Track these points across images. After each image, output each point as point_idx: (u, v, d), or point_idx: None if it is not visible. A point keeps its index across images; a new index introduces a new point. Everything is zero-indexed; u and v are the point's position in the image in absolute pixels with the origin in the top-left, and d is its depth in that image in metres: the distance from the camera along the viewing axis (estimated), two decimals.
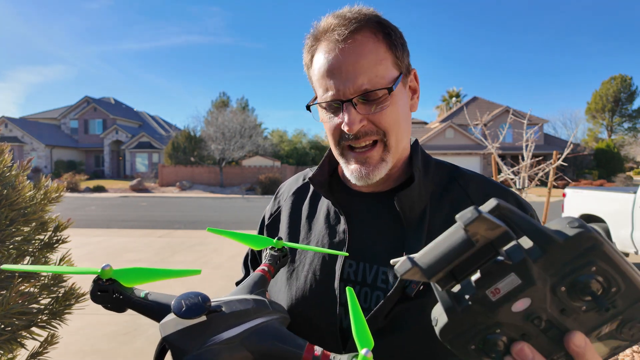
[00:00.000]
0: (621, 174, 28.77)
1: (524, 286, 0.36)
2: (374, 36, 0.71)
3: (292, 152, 35.73)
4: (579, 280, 0.36)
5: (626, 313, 0.37)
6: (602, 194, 6.36)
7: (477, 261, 0.36)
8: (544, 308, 0.37)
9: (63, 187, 1.48)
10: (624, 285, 0.36)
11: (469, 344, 0.39)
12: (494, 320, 0.38)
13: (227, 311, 0.50)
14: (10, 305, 1.13)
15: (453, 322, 0.38)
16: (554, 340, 0.38)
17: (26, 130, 35.28)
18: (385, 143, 0.74)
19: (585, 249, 0.35)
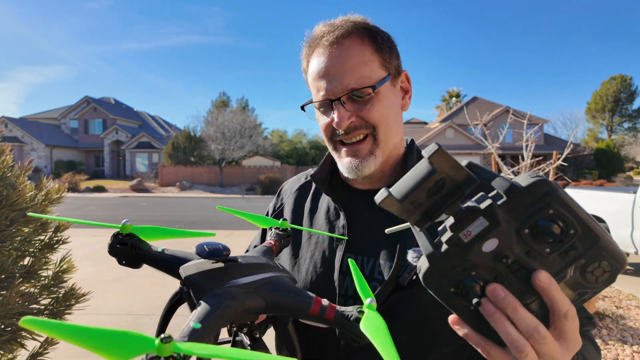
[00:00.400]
0: (621, 174, 28.76)
1: (491, 227, 0.41)
2: (361, 40, 0.77)
3: (292, 152, 35.72)
4: (539, 224, 0.40)
5: (586, 256, 0.41)
6: (602, 194, 6.36)
7: (447, 201, 0.41)
8: (510, 248, 0.41)
9: (64, 188, 1.48)
10: (580, 228, 0.40)
11: (449, 287, 0.43)
12: (468, 263, 0.42)
13: (243, 262, 0.55)
14: (10, 305, 1.13)
15: (433, 266, 0.43)
16: (524, 282, 0.42)
17: (26, 130, 35.28)
18: (374, 137, 0.79)
19: (542, 194, 0.40)
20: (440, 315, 0.71)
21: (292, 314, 0.53)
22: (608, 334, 3.82)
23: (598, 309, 4.20)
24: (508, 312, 0.42)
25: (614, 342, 3.67)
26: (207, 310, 0.45)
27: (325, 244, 0.85)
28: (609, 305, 4.55)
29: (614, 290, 5.21)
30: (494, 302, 0.42)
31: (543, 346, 0.42)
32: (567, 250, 0.41)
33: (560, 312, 0.42)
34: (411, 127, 33.40)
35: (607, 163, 30.88)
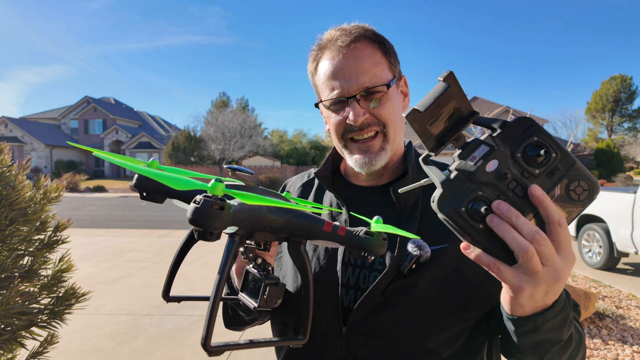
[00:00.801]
0: (621, 174, 28.75)
1: (491, 150, 0.50)
2: (371, 44, 0.83)
3: (292, 152, 35.71)
4: (528, 150, 0.49)
5: (568, 175, 0.50)
6: (602, 194, 6.35)
7: (455, 129, 0.51)
8: (508, 167, 0.49)
9: (62, 186, 1.47)
10: (559, 152, 0.50)
11: (461, 207, 0.49)
12: (475, 182, 0.49)
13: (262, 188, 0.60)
14: (10, 305, 1.13)
15: (446, 190, 0.49)
16: (522, 198, 0.50)
17: (26, 130, 35.29)
18: (385, 134, 0.84)
19: (527, 126, 0.50)
20: (438, 301, 0.77)
21: (307, 232, 0.56)
22: (608, 334, 3.82)
23: (598, 309, 4.20)
24: (512, 220, 0.48)
25: (614, 342, 3.67)
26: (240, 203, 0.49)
27: None
28: (609, 305, 4.55)
29: (614, 290, 5.21)
30: (499, 214, 0.48)
31: (545, 248, 0.48)
32: (552, 170, 0.50)
33: (554, 220, 0.49)
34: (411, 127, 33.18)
35: (607, 163, 30.88)
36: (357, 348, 0.79)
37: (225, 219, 0.42)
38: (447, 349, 0.78)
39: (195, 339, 3.70)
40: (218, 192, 0.41)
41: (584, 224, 6.52)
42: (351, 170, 0.93)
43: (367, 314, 0.78)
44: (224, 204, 0.41)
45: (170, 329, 3.91)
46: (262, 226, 0.52)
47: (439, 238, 0.79)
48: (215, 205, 0.41)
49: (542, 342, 0.58)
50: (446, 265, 0.78)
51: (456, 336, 0.78)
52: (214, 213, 0.41)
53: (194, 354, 3.42)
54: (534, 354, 0.61)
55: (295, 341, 0.56)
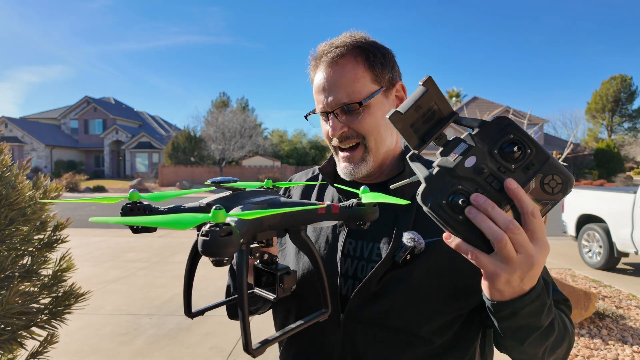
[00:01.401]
0: (621, 174, 28.74)
1: (469, 147, 0.53)
2: (354, 60, 0.86)
3: (292, 152, 35.69)
4: (504, 146, 0.53)
5: (542, 170, 0.53)
6: (602, 194, 6.35)
7: (437, 128, 0.55)
8: (485, 163, 0.53)
9: (62, 186, 1.47)
10: (534, 148, 0.53)
11: (442, 200, 0.53)
12: (455, 177, 0.53)
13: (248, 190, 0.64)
14: (10, 305, 1.13)
15: (429, 184, 0.54)
16: (498, 192, 0.53)
17: (26, 130, 35.27)
18: (365, 145, 0.89)
19: (504, 124, 0.54)
20: (431, 290, 0.81)
21: (304, 220, 0.60)
22: (608, 334, 3.82)
23: (598, 309, 4.20)
24: (488, 211, 0.52)
25: (614, 342, 3.66)
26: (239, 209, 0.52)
27: (329, 230, 0.93)
28: (609, 305, 4.55)
29: (614, 290, 5.21)
30: (477, 206, 0.52)
31: (518, 236, 0.52)
32: (527, 166, 0.53)
33: (528, 211, 0.52)
34: None
35: (607, 163, 30.87)
36: (354, 334, 0.84)
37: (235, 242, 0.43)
38: (439, 337, 0.82)
39: (196, 339, 3.70)
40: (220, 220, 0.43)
41: (584, 224, 6.52)
42: None
43: (363, 302, 0.83)
44: (230, 229, 0.43)
45: (170, 329, 3.91)
46: (263, 228, 0.55)
47: (433, 231, 0.83)
48: (223, 233, 0.42)
49: (522, 327, 0.63)
50: (439, 256, 0.82)
51: (448, 325, 0.83)
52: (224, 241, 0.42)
53: (194, 354, 3.42)
54: (515, 339, 0.65)
55: (321, 315, 0.60)
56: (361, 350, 0.83)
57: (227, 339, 3.69)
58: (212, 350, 3.48)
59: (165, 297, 4.82)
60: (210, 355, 3.39)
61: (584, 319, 4.01)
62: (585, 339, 3.72)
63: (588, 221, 6.47)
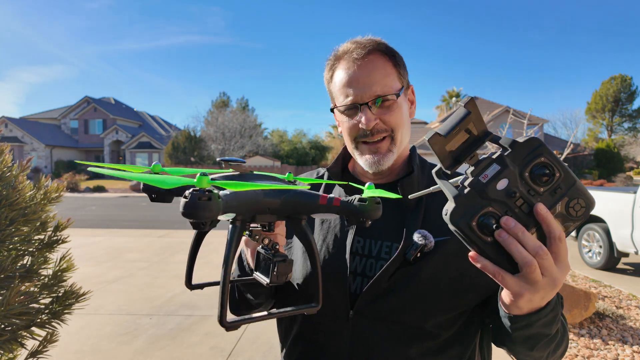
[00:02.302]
0: (621, 174, 28.74)
1: (502, 170, 0.54)
2: (383, 56, 0.91)
3: (292, 152, 35.68)
4: (535, 169, 0.54)
5: (568, 194, 0.55)
6: (602, 194, 6.35)
7: (471, 149, 0.55)
8: (517, 186, 0.54)
9: (63, 186, 1.48)
10: (562, 172, 0.54)
11: (471, 221, 0.53)
12: (486, 199, 0.53)
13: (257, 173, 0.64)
14: (10, 305, 1.13)
15: (458, 205, 0.53)
16: (527, 215, 0.54)
17: (26, 130, 35.28)
18: (392, 137, 0.92)
19: (535, 146, 0.54)
20: (439, 287, 0.85)
21: (304, 209, 0.60)
22: (608, 334, 3.82)
23: (598, 309, 4.20)
24: (518, 236, 0.53)
25: (614, 342, 3.67)
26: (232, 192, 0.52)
27: (337, 229, 0.95)
28: (609, 305, 4.55)
29: (614, 290, 5.21)
30: (507, 230, 0.53)
31: (546, 262, 0.54)
32: (555, 189, 0.54)
33: (555, 235, 0.54)
34: (412, 127, 33.08)
35: (607, 163, 30.87)
36: (362, 330, 0.86)
37: (214, 208, 0.45)
38: (445, 331, 0.86)
39: (196, 339, 3.70)
40: (204, 185, 0.45)
41: (584, 224, 6.51)
42: (360, 169, 1.01)
43: (373, 298, 0.86)
44: (211, 195, 0.45)
45: (170, 329, 3.91)
46: (261, 209, 0.56)
47: (441, 231, 0.86)
48: (203, 197, 0.44)
49: (533, 335, 0.66)
50: (447, 255, 0.85)
51: (454, 320, 0.86)
52: (202, 204, 0.44)
53: (194, 354, 3.42)
54: (525, 346, 0.69)
55: (309, 308, 0.59)
56: (370, 345, 0.85)
57: (227, 339, 3.69)
58: (212, 350, 3.49)
59: (165, 297, 4.82)
60: (210, 355, 3.39)
61: (584, 319, 4.01)
62: (585, 339, 3.72)
63: (588, 221, 6.48)
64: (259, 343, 3.60)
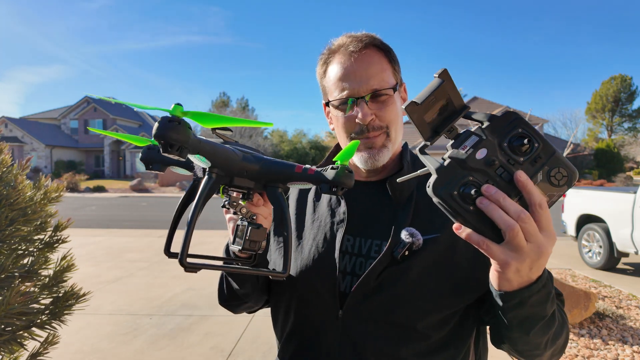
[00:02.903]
0: (621, 174, 28.75)
1: (480, 140, 0.55)
2: (379, 51, 0.90)
3: (292, 152, 35.68)
4: (513, 140, 0.55)
5: (548, 163, 0.55)
6: (602, 194, 6.35)
7: (449, 120, 0.56)
8: (496, 155, 0.55)
9: (63, 186, 1.48)
10: (541, 142, 0.55)
11: (453, 190, 0.54)
12: (467, 169, 0.55)
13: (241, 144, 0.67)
14: (10, 305, 1.13)
15: (440, 176, 0.54)
16: (508, 183, 0.55)
17: (26, 130, 35.28)
18: (387, 133, 0.90)
19: (512, 119, 0.56)
20: (429, 286, 0.83)
21: (281, 176, 0.63)
22: (608, 334, 3.82)
23: (598, 309, 4.20)
24: (500, 202, 0.53)
25: (614, 342, 3.66)
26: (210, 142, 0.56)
27: (327, 227, 0.94)
28: (609, 305, 4.55)
29: (614, 290, 5.21)
30: (488, 196, 0.54)
31: (529, 226, 0.54)
32: (535, 158, 0.55)
33: (536, 202, 0.54)
34: (411, 126, 32.92)
35: (607, 163, 30.87)
36: (352, 330, 0.85)
37: (182, 131, 0.48)
38: (436, 332, 0.84)
39: (196, 339, 3.70)
40: (177, 113, 0.48)
41: (584, 224, 6.52)
42: (352, 166, 0.99)
43: (362, 298, 0.84)
44: (180, 119, 0.49)
45: (170, 329, 3.91)
46: (238, 171, 0.59)
47: (431, 228, 0.85)
48: (172, 120, 0.48)
49: (528, 317, 0.64)
50: (437, 252, 0.84)
51: (445, 320, 0.84)
52: (171, 126, 0.48)
53: (194, 354, 3.42)
54: (521, 330, 0.67)
55: (275, 273, 0.60)
56: (360, 345, 0.84)
57: (227, 339, 3.69)
58: (212, 350, 3.49)
59: (165, 297, 4.82)
60: (210, 355, 3.39)
61: (584, 319, 4.01)
62: (585, 339, 3.72)
63: (588, 221, 6.47)
64: (259, 343, 3.60)
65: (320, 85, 0.98)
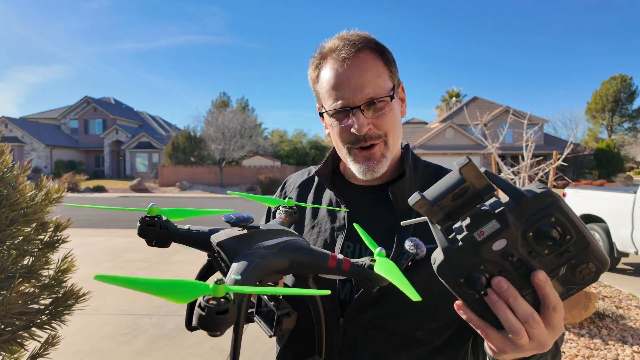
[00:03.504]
0: (621, 174, 28.75)
1: (501, 229, 0.47)
2: (373, 54, 0.84)
3: (292, 152, 35.69)
4: (542, 229, 0.47)
5: (577, 257, 0.48)
6: (602, 194, 6.35)
7: (467, 206, 0.48)
8: (516, 248, 0.47)
9: (64, 187, 1.48)
10: (575, 234, 0.47)
11: (459, 278, 0.50)
12: (479, 258, 0.48)
13: (264, 228, 0.61)
14: (10, 305, 1.13)
15: (448, 259, 0.49)
16: (523, 277, 0.49)
17: (26, 130, 35.27)
18: (385, 142, 0.86)
19: (547, 203, 0.46)
20: (431, 297, 0.81)
21: (312, 270, 0.59)
22: (608, 334, 3.82)
23: (598, 309, 4.20)
24: (509, 301, 0.49)
25: (614, 342, 3.67)
26: (244, 265, 0.50)
27: (327, 233, 0.92)
28: (609, 305, 4.55)
29: (614, 290, 5.21)
30: (498, 293, 0.49)
31: (535, 330, 0.50)
32: (563, 252, 0.48)
33: (550, 306, 0.50)
34: (411, 127, 33.28)
35: (607, 163, 30.87)
36: (353, 338, 0.84)
37: (230, 318, 0.42)
38: (436, 338, 0.84)
39: (196, 339, 3.70)
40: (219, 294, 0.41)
41: (584, 224, 6.52)
42: (350, 172, 0.95)
43: (363, 307, 0.83)
44: (227, 306, 0.42)
45: (170, 329, 3.91)
46: (269, 274, 0.55)
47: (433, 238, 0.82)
48: (219, 311, 0.42)
49: None
50: None
51: (445, 328, 0.84)
52: (219, 319, 0.42)
53: (194, 354, 3.42)
54: None
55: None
56: (360, 353, 0.84)
57: (227, 339, 3.68)
58: (212, 350, 3.49)
59: None
60: (210, 355, 3.39)
61: (584, 319, 4.01)
62: (585, 339, 3.72)
63: (588, 221, 6.47)
64: (259, 343, 3.60)
65: (314, 90, 0.93)
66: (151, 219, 0.63)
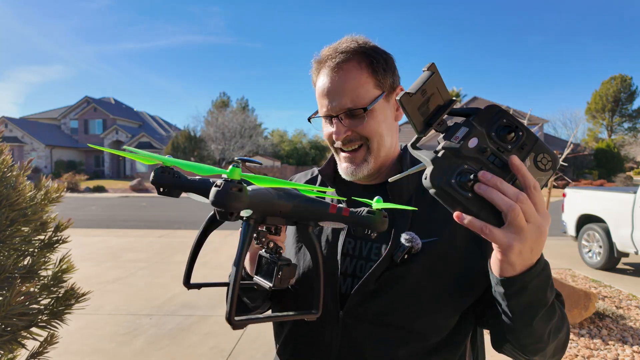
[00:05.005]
0: (621, 174, 28.75)
1: (470, 131, 0.58)
2: (358, 65, 0.89)
3: (293, 152, 35.70)
4: (500, 128, 0.58)
5: (534, 149, 0.59)
6: (602, 194, 6.35)
7: (439, 113, 0.59)
8: (486, 144, 0.58)
9: (63, 187, 1.48)
10: (525, 131, 0.59)
11: (451, 179, 0.56)
12: (461, 159, 0.57)
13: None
14: (10, 305, 1.13)
15: (436, 167, 0.56)
16: (500, 168, 0.58)
17: (26, 130, 35.29)
18: (368, 146, 0.92)
19: (497, 111, 0.60)
20: (427, 289, 0.85)
21: (314, 215, 0.62)
22: (608, 334, 3.82)
23: (598, 309, 4.20)
24: (497, 185, 0.55)
25: (614, 342, 3.67)
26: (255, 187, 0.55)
27: (328, 231, 0.96)
28: (609, 305, 4.55)
29: (614, 290, 5.21)
30: (485, 182, 0.56)
31: (527, 207, 0.56)
32: (522, 146, 0.59)
33: (530, 185, 0.57)
34: (409, 127, 33.03)
35: (607, 163, 30.88)
36: (353, 331, 0.87)
37: (243, 199, 0.47)
38: (434, 334, 0.86)
39: (196, 339, 3.70)
40: (235, 176, 0.47)
41: (584, 224, 6.52)
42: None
43: (362, 300, 0.86)
44: (241, 186, 0.47)
45: (170, 329, 3.91)
46: (273, 211, 0.57)
47: (429, 232, 0.87)
48: (235, 187, 0.47)
49: (531, 303, 0.66)
50: (435, 256, 0.86)
51: (443, 323, 0.86)
52: (234, 194, 0.46)
53: (194, 354, 3.42)
54: (524, 318, 0.68)
55: (309, 315, 0.61)
56: (359, 347, 0.86)
57: (227, 339, 3.69)
58: (212, 350, 3.49)
59: (165, 297, 4.82)
60: (210, 355, 3.39)
61: (584, 319, 4.01)
62: (585, 339, 3.72)
63: (588, 221, 6.47)
64: (259, 343, 3.60)
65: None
66: (165, 168, 0.67)
